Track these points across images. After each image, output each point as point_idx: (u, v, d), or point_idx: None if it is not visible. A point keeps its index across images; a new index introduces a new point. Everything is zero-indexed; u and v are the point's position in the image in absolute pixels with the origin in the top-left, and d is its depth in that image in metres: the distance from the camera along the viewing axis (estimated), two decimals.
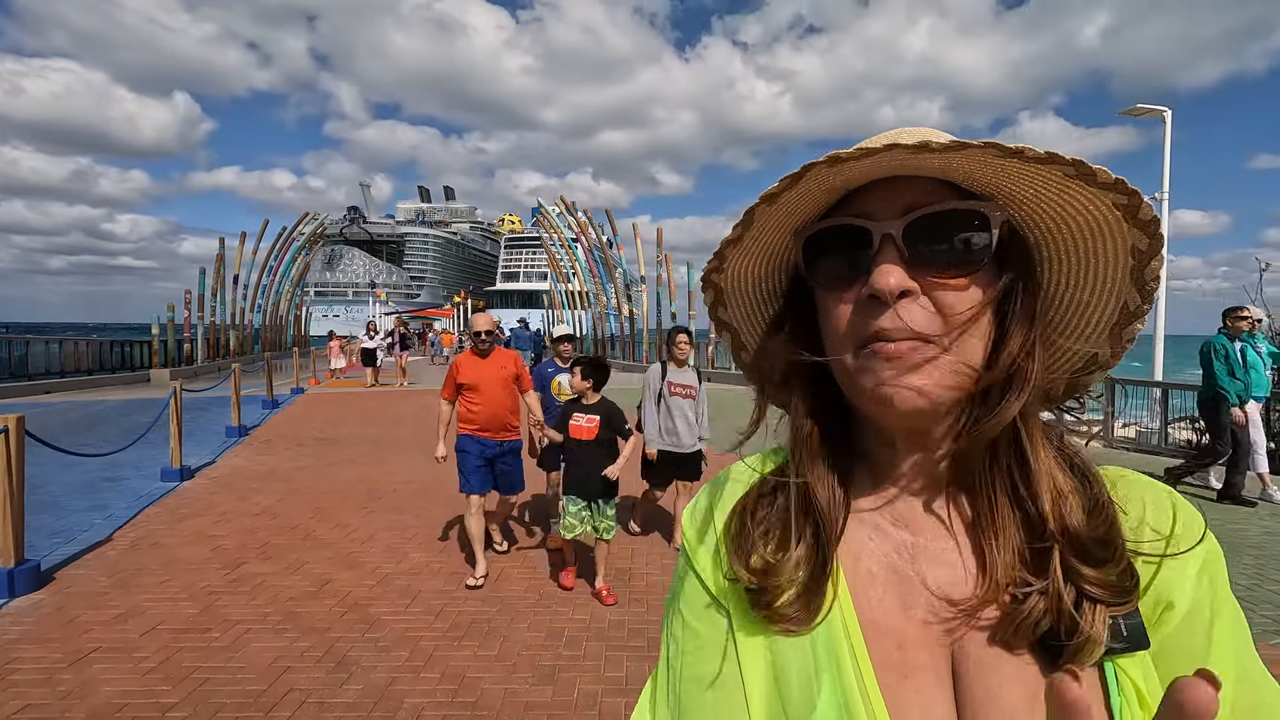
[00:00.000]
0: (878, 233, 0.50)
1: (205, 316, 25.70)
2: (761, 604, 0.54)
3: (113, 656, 3.45)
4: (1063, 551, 0.49)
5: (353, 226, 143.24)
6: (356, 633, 3.75)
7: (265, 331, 34.51)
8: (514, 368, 4.75)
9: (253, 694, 3.10)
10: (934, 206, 0.50)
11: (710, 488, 0.64)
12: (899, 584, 0.54)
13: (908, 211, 0.50)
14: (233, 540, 5.33)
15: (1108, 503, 0.52)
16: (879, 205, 0.51)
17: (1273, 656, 3.47)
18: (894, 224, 0.50)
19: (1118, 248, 0.51)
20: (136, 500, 6.50)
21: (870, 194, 0.52)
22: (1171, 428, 10.54)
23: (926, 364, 0.49)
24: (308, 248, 41.45)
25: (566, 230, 39.75)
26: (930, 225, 0.50)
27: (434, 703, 3.07)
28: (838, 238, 0.52)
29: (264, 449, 9.34)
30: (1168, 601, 0.50)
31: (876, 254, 0.50)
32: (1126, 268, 0.52)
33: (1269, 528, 5.88)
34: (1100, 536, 0.50)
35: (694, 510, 0.64)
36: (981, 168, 0.48)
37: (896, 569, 0.54)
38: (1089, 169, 0.46)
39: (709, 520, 0.61)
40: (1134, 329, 0.54)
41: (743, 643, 0.55)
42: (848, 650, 0.52)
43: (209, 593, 4.28)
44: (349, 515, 6.07)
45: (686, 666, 0.57)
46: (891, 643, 0.52)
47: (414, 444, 9.80)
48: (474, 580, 4.44)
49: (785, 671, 0.53)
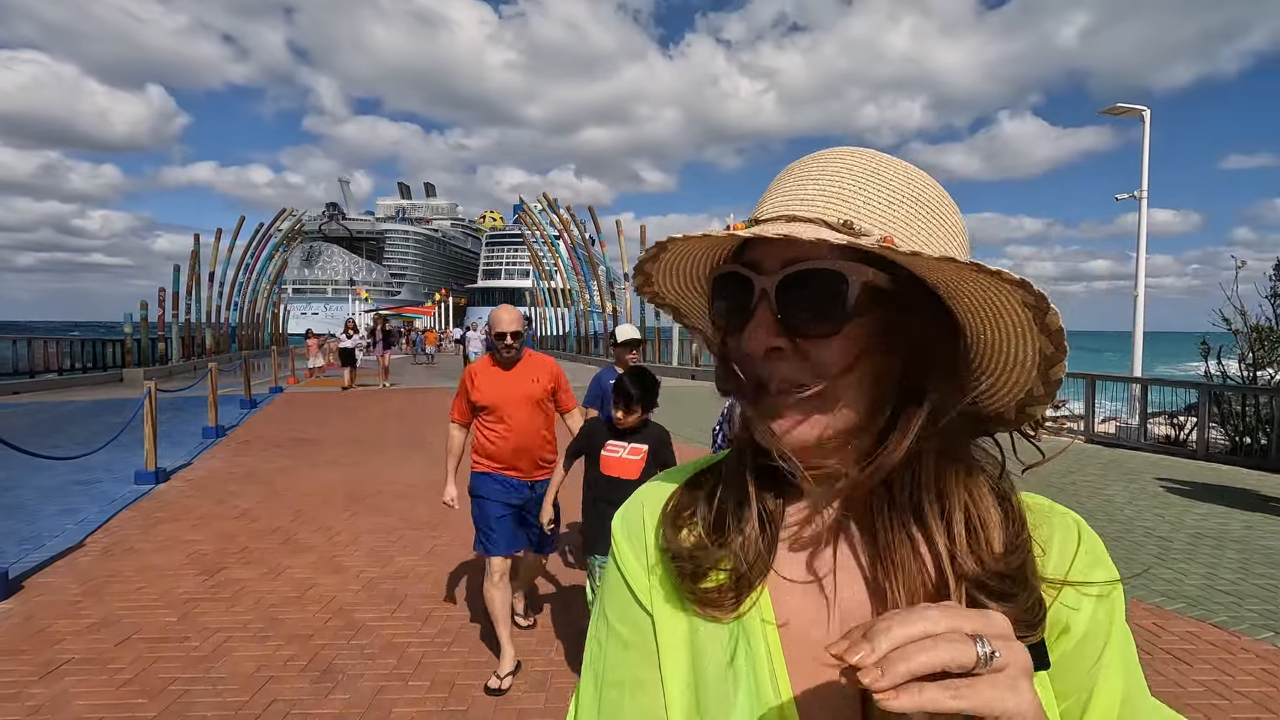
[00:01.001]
0: (758, 285, 0.54)
1: (180, 315, 25.21)
2: (690, 576, 0.56)
3: (86, 668, 3.32)
4: (968, 588, 0.51)
5: (332, 223, 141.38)
6: (342, 640, 3.65)
7: (242, 330, 33.98)
8: (549, 380, 3.50)
9: (234, 706, 3.00)
10: (805, 264, 0.52)
11: (642, 490, 0.66)
12: (816, 594, 0.57)
13: (785, 265, 0.53)
14: (211, 545, 5.18)
15: (1027, 538, 0.54)
16: (765, 254, 0.54)
17: (1259, 651, 3.50)
18: (771, 279, 0.53)
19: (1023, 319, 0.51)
20: (109, 504, 6.31)
21: (763, 241, 0.53)
22: (1150, 423, 10.70)
23: (798, 407, 0.52)
24: (285, 244, 40.89)
25: (549, 227, 39.57)
26: (799, 282, 0.52)
27: (423, 711, 2.98)
28: (730, 283, 0.56)
29: (242, 450, 9.15)
30: (1065, 625, 0.53)
31: (754, 308, 0.54)
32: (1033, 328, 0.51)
33: (1249, 521, 5.96)
34: (1013, 572, 0.52)
35: (625, 513, 0.65)
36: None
37: (815, 579, 0.57)
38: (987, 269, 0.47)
39: (639, 525, 0.62)
40: (1058, 370, 0.54)
41: (665, 643, 0.57)
42: (765, 655, 0.54)
43: (186, 600, 4.14)
44: (331, 518, 5.94)
45: (609, 671, 0.59)
46: (806, 650, 0.54)
47: (397, 443, 9.66)
48: (498, 682, 3.17)
49: (703, 670, 0.55)
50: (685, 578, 0.57)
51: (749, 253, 0.56)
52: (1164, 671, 3.29)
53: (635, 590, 0.61)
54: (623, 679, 0.59)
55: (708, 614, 0.56)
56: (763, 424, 0.54)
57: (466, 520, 3.52)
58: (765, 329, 0.53)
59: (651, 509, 0.63)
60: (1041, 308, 0.48)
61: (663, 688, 0.56)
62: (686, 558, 0.57)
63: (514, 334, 3.37)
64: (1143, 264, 12.98)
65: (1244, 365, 10.72)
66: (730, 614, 0.55)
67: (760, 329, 0.53)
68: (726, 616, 0.56)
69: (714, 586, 0.56)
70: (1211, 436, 9.70)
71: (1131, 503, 6.65)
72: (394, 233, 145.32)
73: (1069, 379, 12.05)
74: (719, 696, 0.54)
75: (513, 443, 3.39)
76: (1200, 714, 2.93)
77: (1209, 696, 3.08)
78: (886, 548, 0.55)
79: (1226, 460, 9.16)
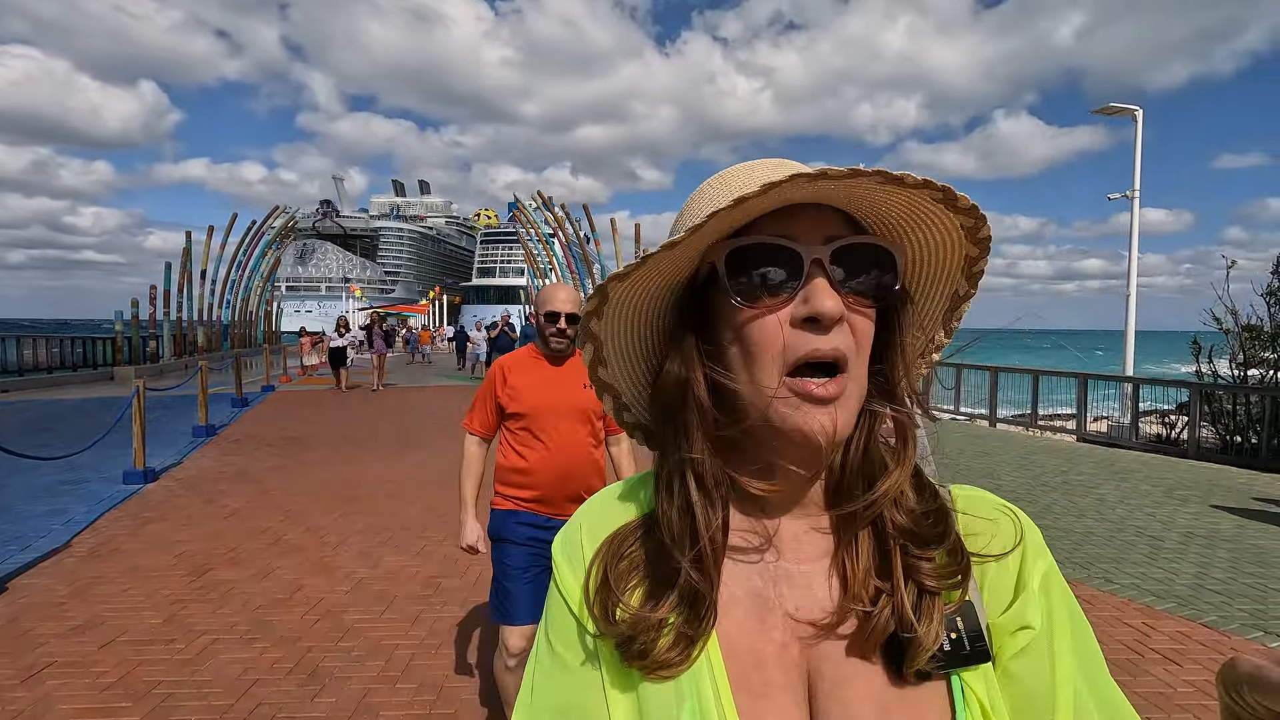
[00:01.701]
0: (808, 256, 0.51)
1: (172, 312, 25.08)
2: (633, 654, 0.54)
3: (69, 671, 3.28)
4: (904, 547, 0.53)
5: (325, 220, 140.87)
6: (329, 642, 3.62)
7: (234, 328, 33.79)
8: None
9: (219, 709, 2.96)
10: (853, 238, 0.53)
11: (583, 513, 0.64)
12: (759, 606, 0.56)
13: (829, 240, 0.52)
14: (198, 545, 5.13)
15: (930, 485, 0.57)
16: (801, 230, 0.52)
17: (1250, 650, 3.50)
18: (821, 250, 0.52)
19: (958, 255, 0.58)
20: (97, 504, 6.25)
21: (790, 218, 0.53)
22: (1142, 421, 10.74)
23: (842, 399, 0.51)
24: (278, 242, 40.67)
25: (544, 225, 39.51)
26: (851, 256, 0.52)
27: (411, 714, 2.96)
28: (760, 256, 0.53)
29: (232, 449, 9.09)
30: (1026, 623, 0.53)
31: (808, 277, 0.51)
32: (961, 265, 0.58)
33: (1240, 521, 5.97)
34: (929, 512, 0.55)
35: (566, 537, 0.63)
36: (867, 195, 0.52)
37: (758, 592, 0.56)
38: (953, 194, 0.51)
39: (578, 549, 0.61)
40: (962, 311, 0.60)
41: (609, 673, 0.56)
42: (709, 676, 0.53)
43: (173, 601, 4.10)
44: (321, 518, 5.90)
45: (551, 695, 0.57)
46: (750, 663, 0.54)
47: (390, 442, 9.62)
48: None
49: (649, 705, 0.54)
50: (631, 659, 0.54)
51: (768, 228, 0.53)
52: (1154, 672, 3.29)
53: (577, 613, 0.59)
54: (566, 704, 0.57)
55: (657, 676, 0.53)
56: (798, 415, 0.51)
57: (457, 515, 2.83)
58: (834, 298, 0.51)
59: (590, 534, 0.61)
60: (950, 197, 0.51)
61: (607, 711, 0.55)
62: (627, 638, 0.54)
63: (570, 317, 2.48)
64: (1134, 263, 13.03)
65: (1234, 364, 10.77)
66: (681, 669, 0.53)
67: (830, 296, 0.50)
68: (677, 673, 0.53)
69: (660, 652, 0.53)
70: (1202, 435, 9.75)
71: (1123, 502, 6.66)
72: (388, 230, 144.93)
73: (1062, 379, 12.13)
74: (663, 713, 0.53)
75: (553, 466, 2.49)
76: (1190, 714, 2.93)
77: (1199, 697, 3.07)
78: (851, 531, 0.55)
79: (1218, 459, 9.19)
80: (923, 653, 0.50)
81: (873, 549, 0.55)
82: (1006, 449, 9.78)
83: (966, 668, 0.52)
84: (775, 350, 0.51)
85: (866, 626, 0.52)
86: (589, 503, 0.65)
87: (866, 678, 0.52)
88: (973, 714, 0.51)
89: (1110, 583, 4.38)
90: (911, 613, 0.51)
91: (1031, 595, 0.54)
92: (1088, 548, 5.12)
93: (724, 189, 0.55)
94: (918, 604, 0.52)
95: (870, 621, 0.52)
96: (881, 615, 0.52)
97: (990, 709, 0.51)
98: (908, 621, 0.51)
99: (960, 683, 0.52)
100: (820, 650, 0.54)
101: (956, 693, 0.52)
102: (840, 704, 0.52)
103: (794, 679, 0.53)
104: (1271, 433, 8.93)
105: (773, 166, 0.55)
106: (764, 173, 0.53)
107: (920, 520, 0.54)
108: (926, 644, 0.50)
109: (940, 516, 0.55)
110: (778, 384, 0.51)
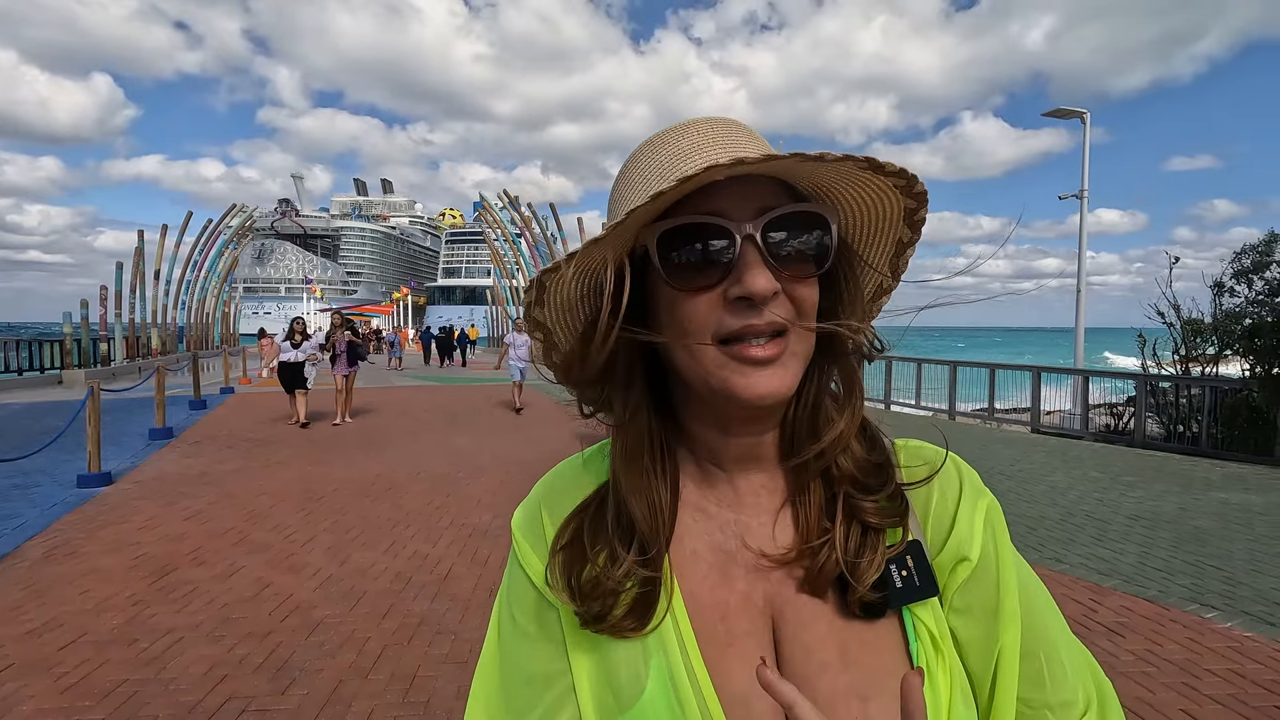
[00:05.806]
0: (739, 234, 0.51)
1: (124, 314, 24.25)
2: (596, 618, 0.55)
3: (28, 673, 3.20)
4: (848, 491, 0.57)
5: (284, 220, 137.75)
6: (299, 637, 3.59)
7: (191, 330, 32.82)
8: None
9: (187, 704, 2.93)
10: (785, 208, 0.52)
11: (541, 487, 0.66)
12: (722, 560, 0.58)
13: (761, 213, 0.52)
14: (160, 547, 5.03)
15: (878, 437, 0.61)
16: (732, 204, 0.52)
17: (1186, 622, 3.71)
18: (752, 225, 0.51)
19: (897, 207, 0.57)
20: (50, 508, 6.07)
21: (720, 192, 0.52)
22: (1092, 413, 11.18)
23: (783, 359, 0.52)
24: (236, 241, 39.64)
25: (510, 225, 39.21)
26: (783, 226, 0.52)
27: (384, 704, 2.97)
28: (691, 235, 0.52)
29: (192, 451, 8.88)
30: (963, 556, 0.57)
31: (740, 256, 0.51)
32: (901, 214, 0.57)
33: (1181, 504, 6.28)
34: (875, 462, 0.58)
35: (525, 511, 0.65)
36: (795, 167, 0.51)
37: (719, 546, 0.59)
38: (878, 163, 0.51)
39: (538, 522, 0.63)
40: (907, 256, 0.60)
41: (572, 639, 0.58)
42: (674, 631, 0.55)
43: (135, 602, 4.03)
44: (286, 517, 5.82)
45: (519, 665, 0.59)
46: (715, 616, 0.56)
47: (356, 443, 9.50)
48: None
49: (615, 664, 0.56)
50: (595, 624, 0.55)
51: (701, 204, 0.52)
52: (1099, 644, 3.47)
53: (538, 585, 0.60)
54: (531, 674, 0.59)
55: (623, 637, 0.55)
56: (738, 377, 0.52)
57: (427, 512, 3.11)
58: (765, 276, 0.51)
59: (549, 506, 0.63)
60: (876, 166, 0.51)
61: (571, 679, 0.57)
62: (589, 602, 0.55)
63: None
64: (1084, 261, 13.53)
65: (1176, 356, 11.27)
66: (642, 633, 0.55)
67: (761, 276, 0.51)
68: (642, 632, 0.55)
69: (619, 616, 0.55)
70: (1148, 425, 10.19)
71: (1073, 488, 6.95)
72: (350, 230, 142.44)
73: (1017, 372, 12.54)
74: (630, 674, 0.55)
75: None
76: (1133, 681, 3.11)
77: (1140, 665, 3.25)
78: (802, 480, 0.58)
79: (1162, 447, 9.63)
80: (864, 580, 0.54)
81: (824, 497, 0.58)
82: (966, 441, 10.09)
83: (917, 602, 0.55)
84: (709, 330, 0.52)
85: (814, 564, 0.55)
86: (546, 477, 0.67)
87: (827, 619, 0.55)
88: (924, 644, 0.54)
89: (1060, 562, 4.59)
90: (855, 548, 0.55)
91: (966, 529, 0.57)
92: (1040, 531, 5.34)
93: (654, 159, 0.55)
94: (861, 541, 0.55)
95: (818, 558, 0.55)
96: (827, 552, 0.55)
97: (940, 637, 0.55)
98: (850, 554, 0.55)
99: (911, 616, 0.55)
100: (781, 595, 0.56)
101: (909, 626, 0.55)
102: (802, 646, 0.55)
103: (759, 626, 0.56)
104: (1210, 421, 9.38)
105: (703, 132, 0.55)
106: (693, 140, 0.54)
107: (865, 466, 0.58)
108: (868, 573, 0.54)
109: (885, 464, 0.59)
110: (714, 353, 0.52)
